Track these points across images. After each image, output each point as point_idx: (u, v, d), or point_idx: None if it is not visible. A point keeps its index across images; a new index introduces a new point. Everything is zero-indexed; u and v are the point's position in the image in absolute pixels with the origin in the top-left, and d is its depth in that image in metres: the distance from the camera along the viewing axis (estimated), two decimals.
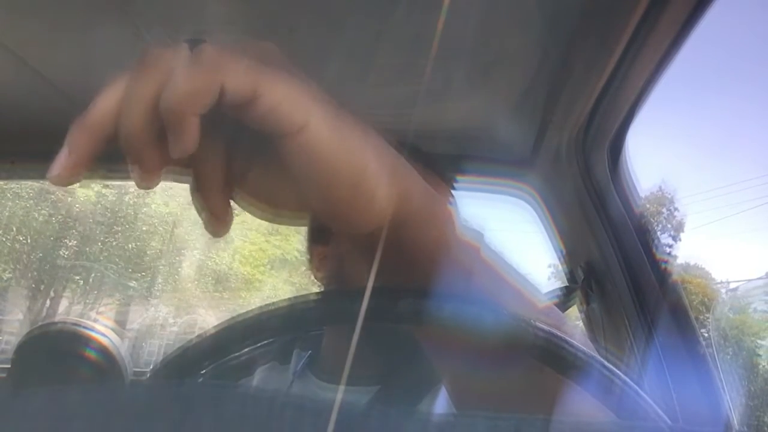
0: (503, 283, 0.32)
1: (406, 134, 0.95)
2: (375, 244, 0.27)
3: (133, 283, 7.63)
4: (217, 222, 0.28)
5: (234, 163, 0.28)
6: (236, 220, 0.29)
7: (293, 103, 0.25)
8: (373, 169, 0.26)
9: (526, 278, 0.33)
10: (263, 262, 8.10)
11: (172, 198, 7.33)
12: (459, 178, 1.03)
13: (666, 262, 0.82)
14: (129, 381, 1.24)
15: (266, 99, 0.24)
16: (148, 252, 7.78)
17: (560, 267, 1.09)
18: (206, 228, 0.28)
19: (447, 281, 0.29)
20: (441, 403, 0.58)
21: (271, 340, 0.74)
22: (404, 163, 0.30)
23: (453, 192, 0.76)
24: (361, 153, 0.26)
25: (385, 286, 0.27)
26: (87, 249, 7.76)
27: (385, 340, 0.57)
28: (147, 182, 0.27)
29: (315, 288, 0.72)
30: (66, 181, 0.25)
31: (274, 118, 0.25)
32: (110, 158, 0.24)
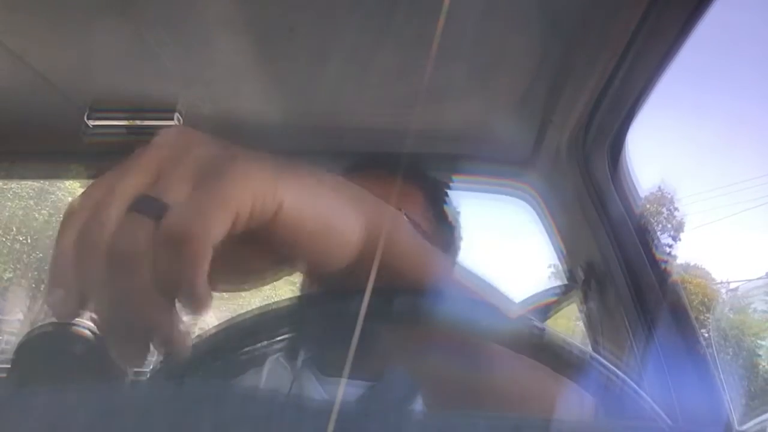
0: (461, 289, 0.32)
1: (406, 134, 0.95)
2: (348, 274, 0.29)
3: None
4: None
5: None
6: None
7: (268, 193, 0.25)
8: (344, 224, 0.28)
9: (499, 292, 0.33)
10: None
11: None
12: (459, 178, 1.02)
13: (666, 262, 0.82)
14: (129, 381, 1.24)
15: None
16: None
17: (560, 267, 1.09)
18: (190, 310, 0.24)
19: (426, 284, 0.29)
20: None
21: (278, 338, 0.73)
22: (376, 204, 0.31)
23: (448, 192, 0.76)
24: (331, 213, 0.28)
25: (378, 286, 0.27)
26: None
27: (384, 335, 0.56)
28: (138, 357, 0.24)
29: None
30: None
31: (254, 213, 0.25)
32: (110, 158, 0.24)
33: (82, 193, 0.25)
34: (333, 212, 0.28)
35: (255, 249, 0.27)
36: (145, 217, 0.23)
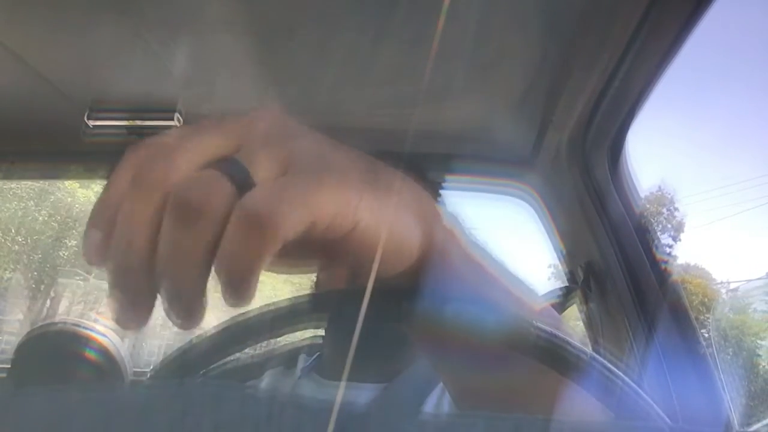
0: (499, 287, 0.32)
1: (406, 134, 0.95)
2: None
3: None
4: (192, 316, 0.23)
5: None
6: None
7: (350, 212, 0.23)
8: (409, 236, 0.27)
9: (522, 281, 0.33)
10: None
11: None
12: (459, 178, 1.02)
13: (666, 262, 0.82)
14: (129, 381, 1.24)
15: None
16: None
17: (560, 267, 1.09)
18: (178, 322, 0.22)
19: (443, 287, 0.29)
20: (447, 401, 0.58)
21: (278, 344, 0.74)
22: (430, 202, 0.30)
23: (440, 194, 0.76)
24: (400, 229, 0.26)
25: (384, 286, 0.27)
26: None
27: (391, 338, 0.57)
28: (138, 323, 0.22)
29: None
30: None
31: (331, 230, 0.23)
32: (110, 158, 0.24)
33: (152, 137, 0.22)
34: (402, 227, 0.26)
35: (314, 248, 0.25)
36: (227, 179, 0.21)
